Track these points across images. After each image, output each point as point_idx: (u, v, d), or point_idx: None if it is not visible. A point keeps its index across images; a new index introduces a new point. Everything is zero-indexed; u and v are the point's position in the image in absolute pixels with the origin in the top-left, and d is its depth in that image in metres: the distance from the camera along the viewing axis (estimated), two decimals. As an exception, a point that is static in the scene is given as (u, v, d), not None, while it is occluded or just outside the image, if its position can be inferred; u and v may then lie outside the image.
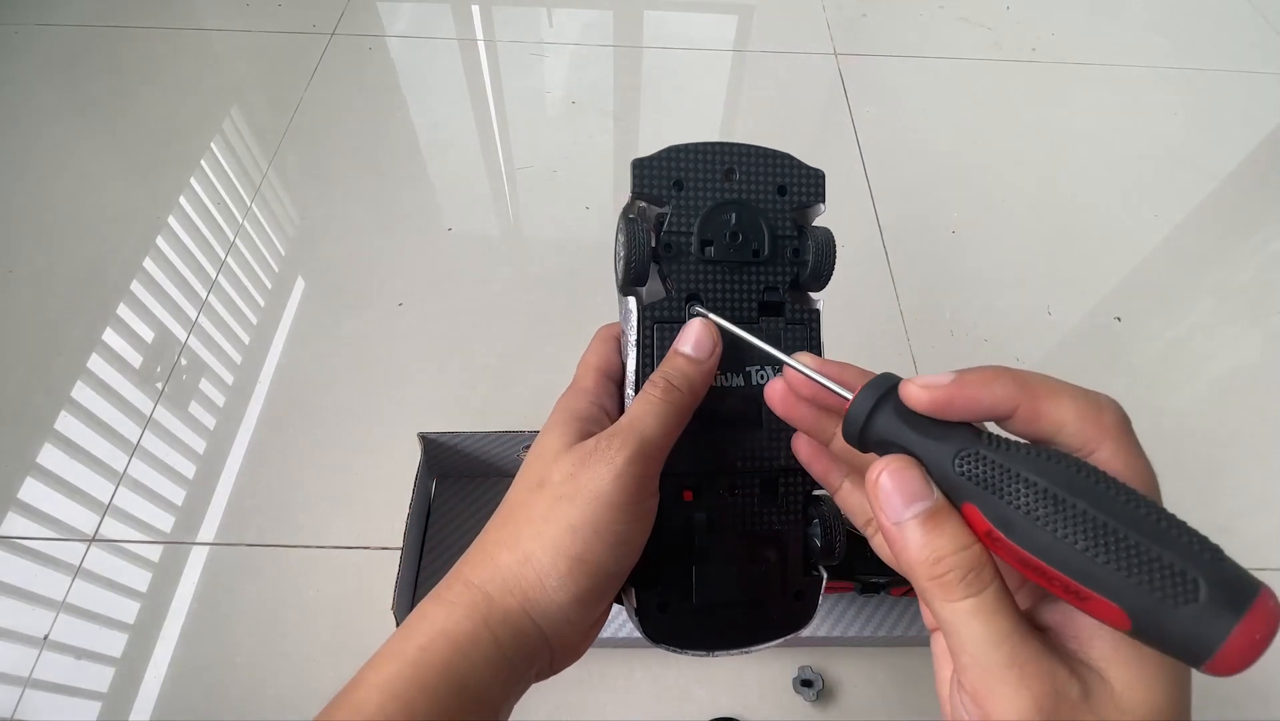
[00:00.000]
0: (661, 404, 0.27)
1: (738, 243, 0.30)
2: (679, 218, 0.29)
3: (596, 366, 0.30)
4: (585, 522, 0.25)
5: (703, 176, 0.30)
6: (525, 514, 0.27)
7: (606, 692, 0.57)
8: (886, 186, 0.93)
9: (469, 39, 1.11)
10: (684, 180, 0.29)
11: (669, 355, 0.28)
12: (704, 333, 0.28)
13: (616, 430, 0.26)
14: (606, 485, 0.25)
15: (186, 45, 1.07)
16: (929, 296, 0.82)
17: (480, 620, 0.25)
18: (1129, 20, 1.19)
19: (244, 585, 0.62)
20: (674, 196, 0.29)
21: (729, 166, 0.30)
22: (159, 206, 0.87)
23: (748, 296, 0.30)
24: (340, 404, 0.72)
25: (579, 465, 0.26)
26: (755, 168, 0.31)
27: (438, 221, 0.88)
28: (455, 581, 0.26)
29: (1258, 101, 1.06)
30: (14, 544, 0.63)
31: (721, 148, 0.30)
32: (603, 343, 0.31)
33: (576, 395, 0.29)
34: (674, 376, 0.27)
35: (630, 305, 0.29)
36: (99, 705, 0.56)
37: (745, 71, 1.09)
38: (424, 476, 0.60)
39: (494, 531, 0.27)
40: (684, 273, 0.29)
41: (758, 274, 0.30)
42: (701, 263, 0.29)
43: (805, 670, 0.57)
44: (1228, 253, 0.89)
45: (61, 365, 0.73)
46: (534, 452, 0.28)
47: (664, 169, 0.29)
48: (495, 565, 0.26)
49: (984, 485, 0.20)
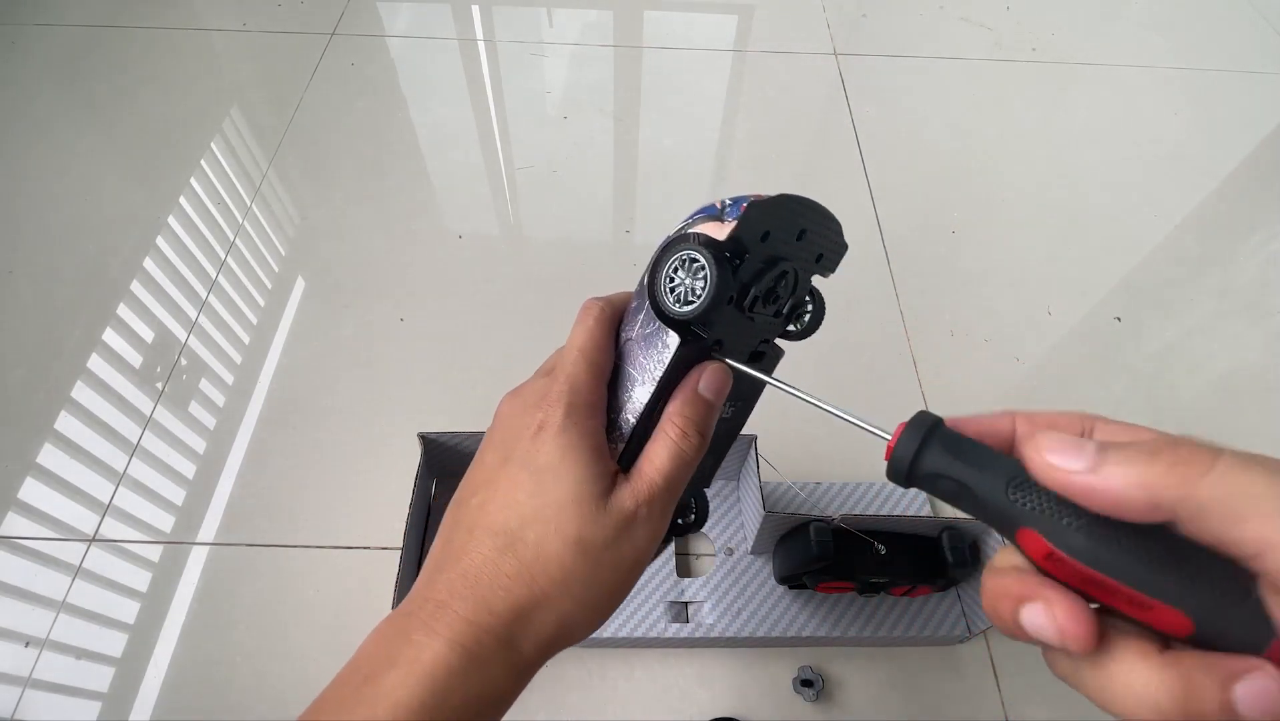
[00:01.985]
0: (693, 455, 0.28)
1: (773, 301, 0.29)
2: (750, 269, 0.27)
3: (590, 359, 0.28)
4: (628, 584, 0.27)
5: (784, 232, 0.28)
6: (560, 572, 0.26)
7: (606, 692, 0.57)
8: (886, 186, 0.93)
9: (469, 39, 1.11)
10: (772, 233, 0.28)
11: (689, 396, 0.28)
12: (726, 381, 0.28)
13: (653, 492, 0.27)
14: (648, 549, 0.27)
15: (186, 45, 1.07)
16: (929, 296, 0.82)
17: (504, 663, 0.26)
18: (1129, 20, 1.19)
19: (244, 585, 0.62)
20: (758, 247, 0.27)
21: (804, 228, 0.29)
22: (159, 206, 0.87)
23: (751, 344, 0.30)
24: (340, 404, 0.72)
25: (621, 531, 0.26)
26: (819, 233, 0.30)
27: (438, 221, 0.88)
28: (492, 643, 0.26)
29: (1258, 101, 1.06)
30: (14, 544, 0.63)
31: (807, 205, 0.29)
32: (598, 325, 0.29)
33: (590, 411, 0.28)
34: (700, 424, 0.28)
35: (670, 340, 0.27)
36: (99, 705, 0.56)
37: (745, 71, 1.09)
38: (424, 476, 0.60)
39: (531, 588, 0.26)
40: (725, 322, 0.28)
41: (769, 327, 0.30)
42: (743, 316, 0.28)
43: (805, 670, 0.57)
44: (1228, 252, 0.89)
45: (61, 365, 0.73)
46: (560, 483, 0.26)
47: (769, 218, 0.27)
48: (532, 625, 0.26)
49: (1040, 510, 0.20)
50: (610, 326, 0.29)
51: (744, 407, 0.33)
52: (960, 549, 0.55)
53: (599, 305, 0.29)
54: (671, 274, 0.27)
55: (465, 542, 0.27)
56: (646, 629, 0.58)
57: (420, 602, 0.26)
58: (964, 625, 0.59)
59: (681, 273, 0.26)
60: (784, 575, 0.59)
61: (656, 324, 0.28)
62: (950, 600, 0.60)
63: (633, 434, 0.28)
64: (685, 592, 0.60)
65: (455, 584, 0.26)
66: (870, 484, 0.67)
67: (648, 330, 0.28)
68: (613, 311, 0.30)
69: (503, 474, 0.28)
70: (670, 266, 0.27)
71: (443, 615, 0.25)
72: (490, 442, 0.29)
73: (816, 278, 0.32)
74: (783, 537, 0.59)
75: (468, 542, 0.27)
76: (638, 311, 0.29)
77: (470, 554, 0.26)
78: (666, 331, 0.27)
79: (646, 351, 0.28)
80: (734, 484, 0.66)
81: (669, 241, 0.28)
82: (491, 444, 0.29)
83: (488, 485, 0.28)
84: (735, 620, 0.58)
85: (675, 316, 0.26)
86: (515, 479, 0.27)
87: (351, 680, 0.25)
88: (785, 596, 0.60)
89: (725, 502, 0.65)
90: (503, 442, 0.28)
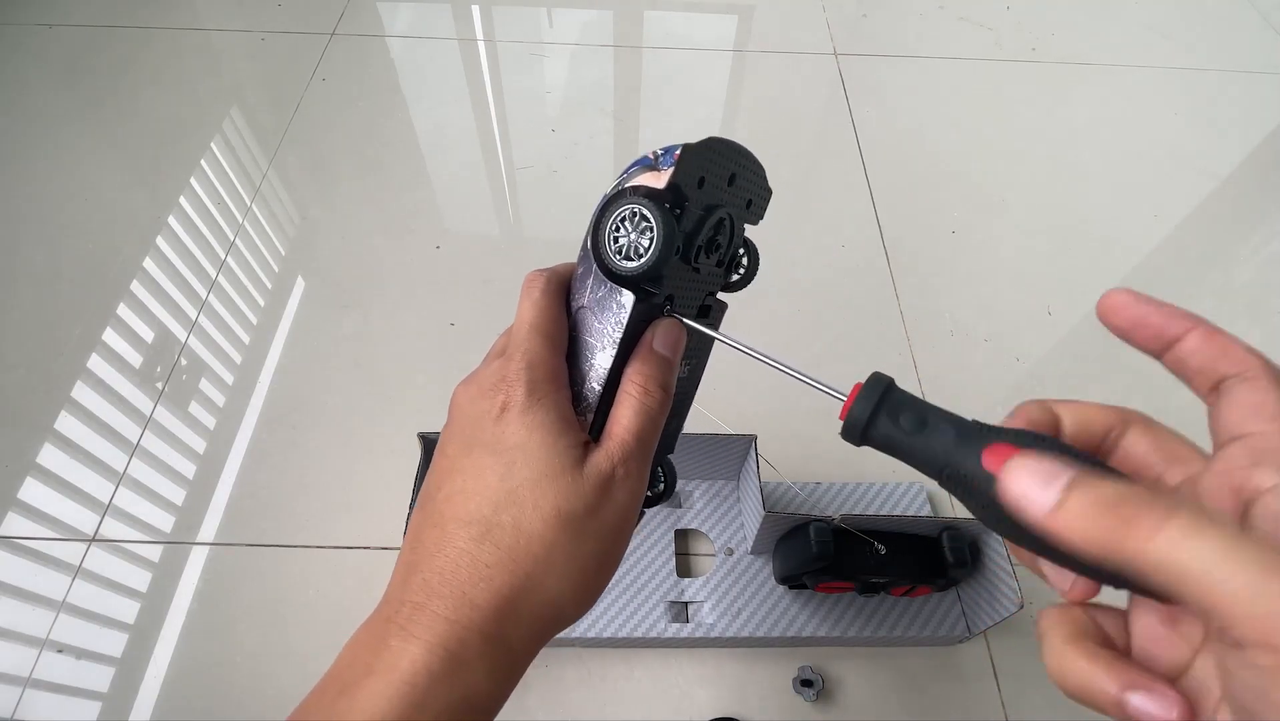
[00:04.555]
0: (659, 411, 0.27)
1: (714, 250, 0.29)
2: (691, 219, 0.27)
3: (544, 332, 0.27)
4: (616, 553, 0.26)
5: (717, 177, 0.28)
6: (544, 549, 0.25)
7: (606, 692, 0.57)
8: (886, 186, 0.93)
9: (469, 39, 1.11)
10: (706, 179, 0.27)
11: (646, 354, 0.27)
12: (681, 336, 0.28)
13: (626, 450, 0.26)
14: (633, 511, 0.26)
15: (187, 45, 1.07)
16: (929, 296, 0.82)
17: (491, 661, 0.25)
18: (1129, 20, 1.19)
19: (244, 585, 0.62)
20: (695, 195, 0.27)
21: (733, 172, 0.29)
22: (159, 206, 0.87)
23: (698, 299, 0.30)
24: (340, 404, 0.72)
25: (601, 494, 0.26)
26: (747, 178, 0.30)
27: (438, 221, 0.88)
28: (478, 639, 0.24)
29: (1258, 101, 1.06)
30: (14, 544, 0.63)
31: (734, 149, 0.28)
32: (544, 297, 0.27)
33: (553, 385, 0.27)
34: (660, 379, 0.27)
35: (625, 300, 0.26)
36: (99, 705, 0.56)
37: (745, 71, 1.09)
38: (424, 476, 0.60)
39: (514, 575, 0.25)
40: (674, 276, 0.27)
41: (712, 279, 0.30)
42: (688, 268, 0.28)
43: (805, 670, 0.57)
44: (1228, 252, 0.89)
45: (61, 365, 0.73)
46: (531, 460, 0.25)
47: (702, 162, 0.27)
48: (520, 615, 0.25)
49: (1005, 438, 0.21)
50: (558, 297, 0.28)
51: (697, 365, 0.33)
52: (960, 549, 0.55)
53: (543, 277, 0.28)
54: (614, 231, 0.26)
55: (438, 539, 0.25)
56: (646, 629, 0.58)
57: (396, 606, 0.25)
58: (964, 625, 0.59)
59: (626, 227, 0.26)
60: (784, 575, 0.59)
61: (608, 286, 0.27)
62: (950, 600, 0.60)
63: (600, 402, 0.27)
64: (685, 592, 0.60)
65: (432, 581, 0.24)
66: (870, 484, 0.67)
67: (599, 294, 0.27)
68: (559, 282, 0.28)
69: (468, 461, 0.26)
70: (613, 224, 0.26)
71: (420, 616, 0.24)
72: (450, 434, 0.28)
73: (748, 227, 0.31)
74: (783, 537, 0.59)
75: (440, 538, 0.25)
76: (585, 277, 0.28)
77: (445, 549, 0.25)
78: (619, 291, 0.27)
79: (601, 316, 0.27)
80: (734, 484, 0.66)
81: (608, 199, 0.27)
82: (451, 435, 0.28)
83: (453, 475, 0.26)
84: (735, 620, 0.58)
85: (624, 274, 0.26)
86: (482, 464, 0.26)
87: (328, 691, 0.24)
88: (785, 596, 0.60)
89: (725, 502, 0.65)
90: (463, 431, 0.27)
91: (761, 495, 0.56)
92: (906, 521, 0.57)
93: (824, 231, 0.87)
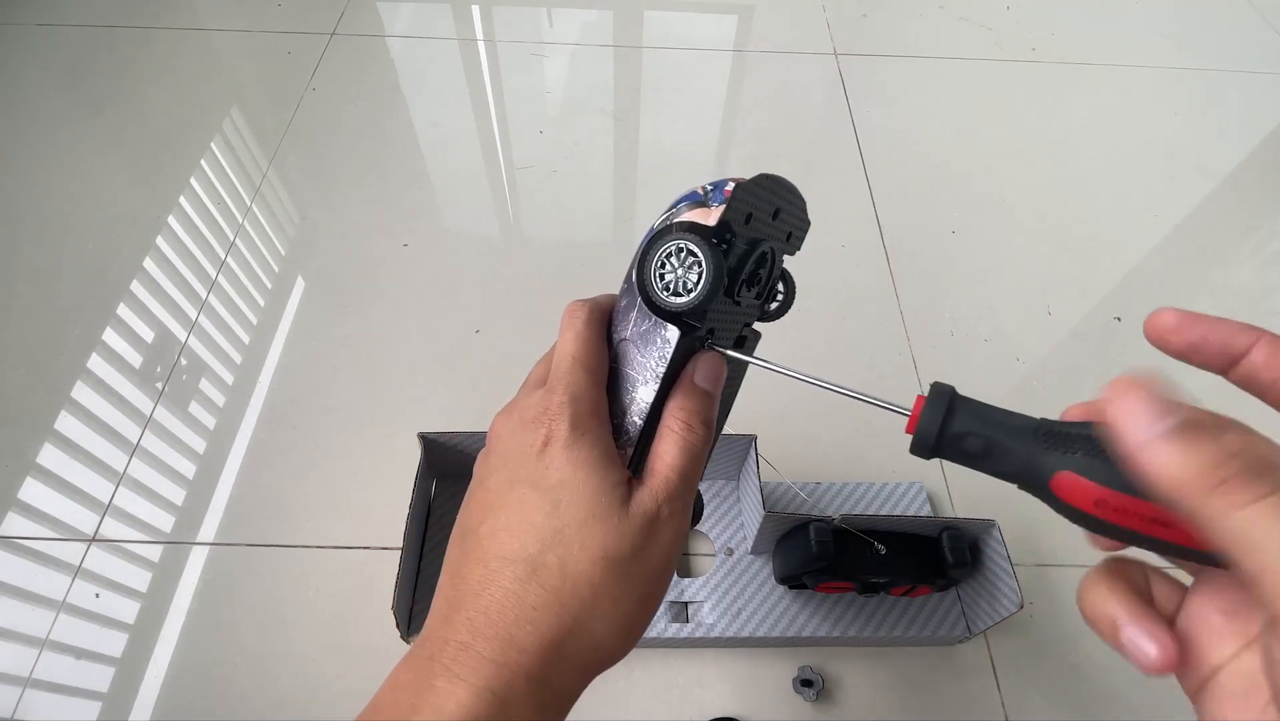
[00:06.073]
0: (701, 447, 0.27)
1: (755, 283, 0.29)
2: (735, 253, 0.27)
3: (587, 365, 0.27)
4: (659, 593, 0.26)
5: (763, 212, 0.28)
6: (590, 592, 0.24)
7: (607, 692, 0.57)
8: (886, 186, 0.93)
9: (469, 39, 1.11)
10: (754, 215, 0.27)
11: (688, 389, 0.27)
12: (722, 370, 0.28)
13: (670, 489, 0.26)
14: (676, 550, 0.26)
15: (187, 45, 1.07)
16: (929, 296, 0.82)
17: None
18: (1129, 20, 1.19)
19: (244, 585, 0.62)
20: (742, 230, 0.27)
21: (779, 206, 0.29)
22: (159, 206, 0.87)
23: (735, 330, 0.30)
24: (340, 404, 0.72)
25: (647, 535, 0.25)
26: (790, 210, 0.30)
27: (438, 221, 0.88)
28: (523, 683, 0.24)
29: (1258, 101, 1.06)
30: (14, 544, 0.63)
31: (781, 184, 0.28)
32: (588, 329, 0.27)
33: (596, 419, 0.26)
34: (703, 415, 0.27)
35: (670, 335, 0.26)
36: (99, 705, 0.56)
37: (745, 71, 1.09)
38: (424, 476, 0.60)
39: (560, 617, 0.24)
40: (717, 309, 0.27)
41: (750, 310, 0.30)
42: (731, 301, 0.28)
43: (805, 670, 0.57)
44: (1228, 252, 0.89)
45: (61, 365, 0.73)
46: (577, 499, 0.25)
47: (752, 199, 0.27)
48: (565, 658, 0.24)
49: (1076, 454, 0.20)
50: (600, 329, 0.28)
51: (730, 394, 0.33)
52: (960, 549, 0.55)
53: (586, 308, 0.28)
54: (660, 266, 0.26)
55: (481, 576, 0.25)
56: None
57: (440, 644, 0.24)
58: (964, 625, 0.59)
59: (672, 262, 0.26)
60: (784, 575, 0.59)
61: (652, 320, 0.27)
62: (950, 600, 0.60)
63: (640, 435, 0.27)
64: (685, 592, 0.60)
65: (476, 621, 0.24)
66: (870, 484, 0.67)
67: (643, 327, 0.27)
68: (601, 314, 0.28)
69: (511, 496, 0.26)
70: (659, 259, 0.26)
71: (466, 657, 0.23)
72: (490, 465, 0.27)
73: (785, 256, 0.31)
74: (783, 537, 0.59)
75: (484, 575, 0.25)
76: (628, 309, 0.28)
77: (489, 588, 0.24)
78: (664, 326, 0.26)
79: (644, 349, 0.27)
80: (734, 484, 0.66)
81: (655, 233, 0.27)
82: (491, 466, 0.27)
83: (495, 510, 0.26)
84: (735, 620, 0.58)
85: (671, 309, 0.26)
86: (526, 500, 0.25)
87: None
88: (785, 596, 0.60)
89: (725, 502, 0.65)
90: (505, 464, 0.26)
91: (761, 495, 0.56)
92: (906, 521, 0.57)
93: (824, 231, 0.87)
